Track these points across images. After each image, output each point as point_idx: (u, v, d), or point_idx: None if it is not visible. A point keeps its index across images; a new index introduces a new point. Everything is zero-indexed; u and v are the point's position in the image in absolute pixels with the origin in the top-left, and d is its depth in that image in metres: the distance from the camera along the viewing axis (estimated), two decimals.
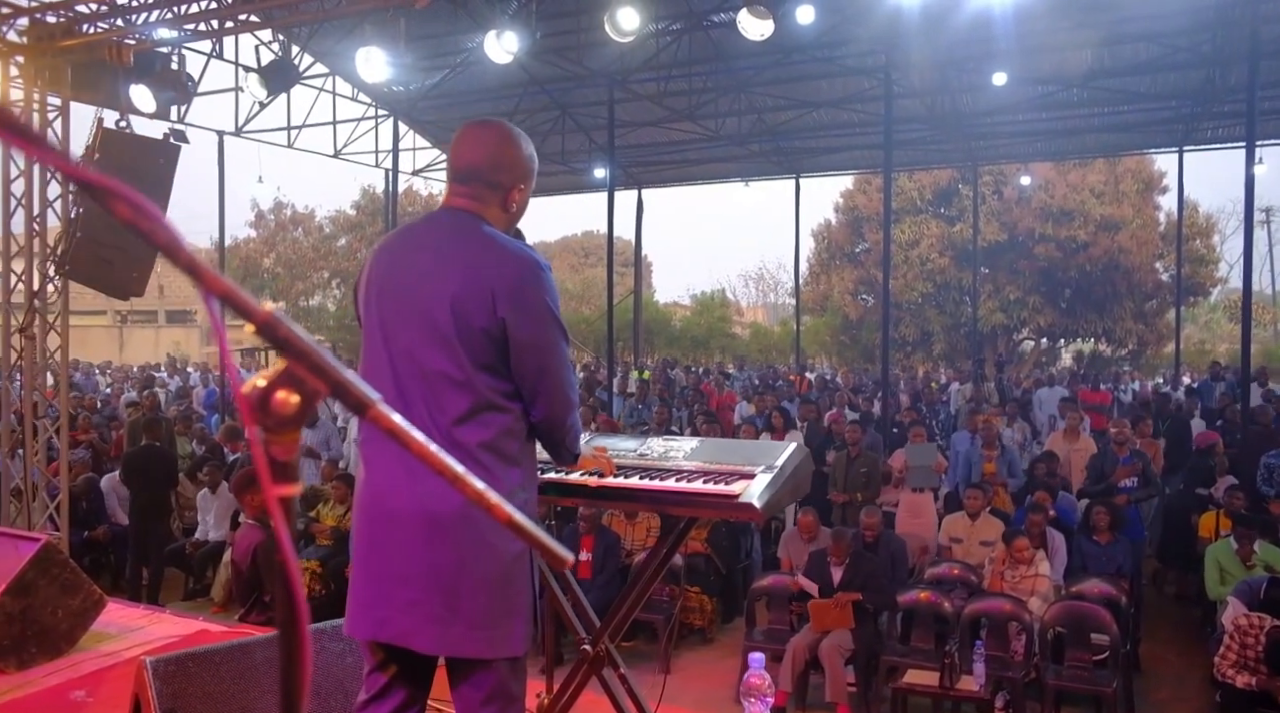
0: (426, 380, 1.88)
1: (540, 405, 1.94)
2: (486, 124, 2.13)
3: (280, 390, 0.62)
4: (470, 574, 1.85)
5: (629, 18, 5.59)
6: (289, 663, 0.65)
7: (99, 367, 22.54)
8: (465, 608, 1.85)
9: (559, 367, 1.95)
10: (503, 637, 1.88)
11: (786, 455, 2.19)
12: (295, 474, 0.63)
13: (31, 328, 6.45)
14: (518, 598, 1.90)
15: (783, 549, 7.11)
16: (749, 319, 38.92)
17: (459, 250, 1.93)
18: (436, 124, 18.35)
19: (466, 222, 1.98)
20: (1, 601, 3.40)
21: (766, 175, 20.00)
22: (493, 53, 5.85)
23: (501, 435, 1.91)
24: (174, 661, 2.41)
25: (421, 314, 1.90)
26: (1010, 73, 12.60)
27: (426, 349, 1.88)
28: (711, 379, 17.84)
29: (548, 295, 1.94)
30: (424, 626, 1.85)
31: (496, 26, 5.60)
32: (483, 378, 1.88)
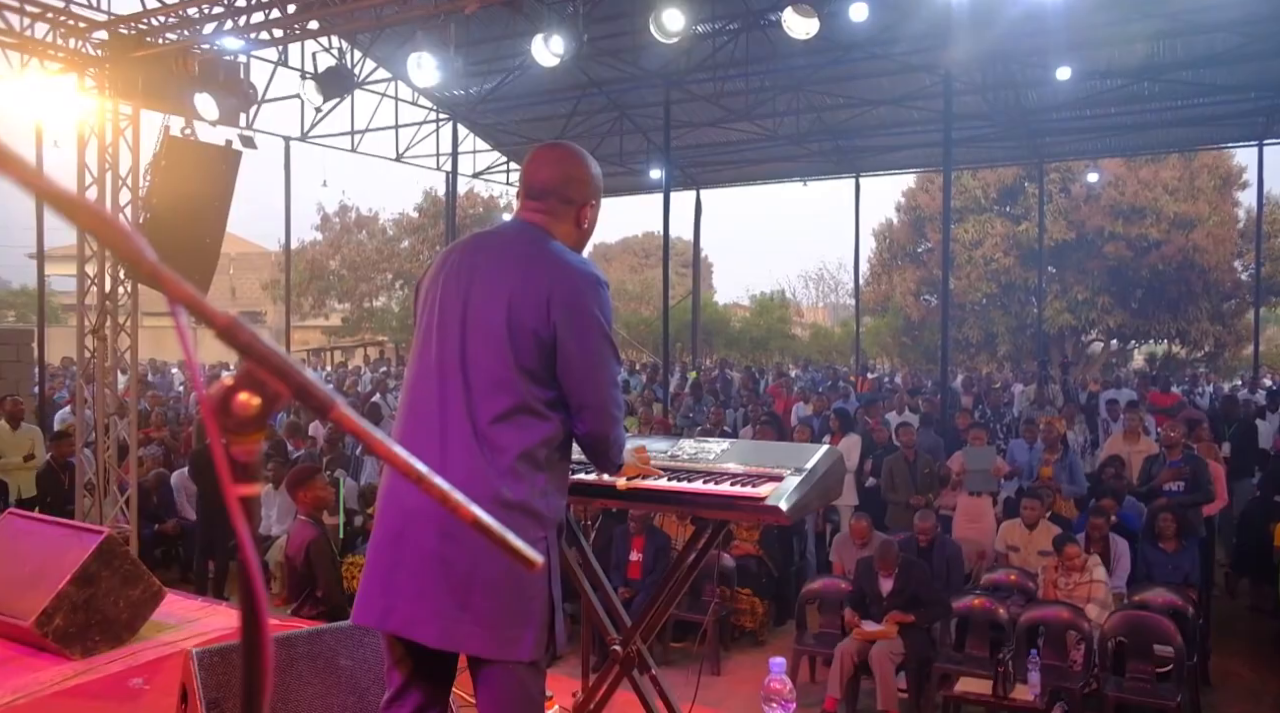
0: (469, 378, 1.91)
1: (585, 420, 1.95)
2: (558, 144, 2.20)
3: (242, 393, 0.64)
4: (483, 575, 1.86)
5: (674, 19, 5.58)
6: (250, 661, 0.66)
7: (174, 366, 23.28)
8: (475, 605, 1.85)
9: (606, 382, 1.96)
10: (510, 640, 1.88)
11: (817, 459, 2.17)
12: (257, 475, 0.65)
13: (103, 329, 6.72)
14: (532, 604, 1.90)
15: (835, 553, 7.03)
16: (809, 320, 38.56)
17: (522, 257, 1.97)
18: (496, 127, 18.59)
19: (534, 233, 2.03)
20: (67, 591, 3.55)
21: (826, 174, 19.80)
22: (540, 56, 5.89)
23: (538, 443, 1.92)
24: (218, 652, 2.48)
25: (475, 313, 1.94)
26: (1076, 67, 12.29)
27: (475, 347, 1.92)
28: (771, 380, 17.76)
29: (601, 310, 1.95)
30: (429, 617, 1.86)
31: (549, 29, 5.64)
32: (525, 383, 1.90)
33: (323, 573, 4.39)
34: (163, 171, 6.10)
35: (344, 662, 2.61)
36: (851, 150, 18.11)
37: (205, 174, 5.97)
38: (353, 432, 0.67)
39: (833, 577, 6.69)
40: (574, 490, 2.24)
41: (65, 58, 6.50)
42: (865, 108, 15.77)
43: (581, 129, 17.50)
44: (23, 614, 3.52)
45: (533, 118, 17.67)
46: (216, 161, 6.04)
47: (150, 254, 0.61)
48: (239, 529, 0.63)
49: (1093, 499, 7.46)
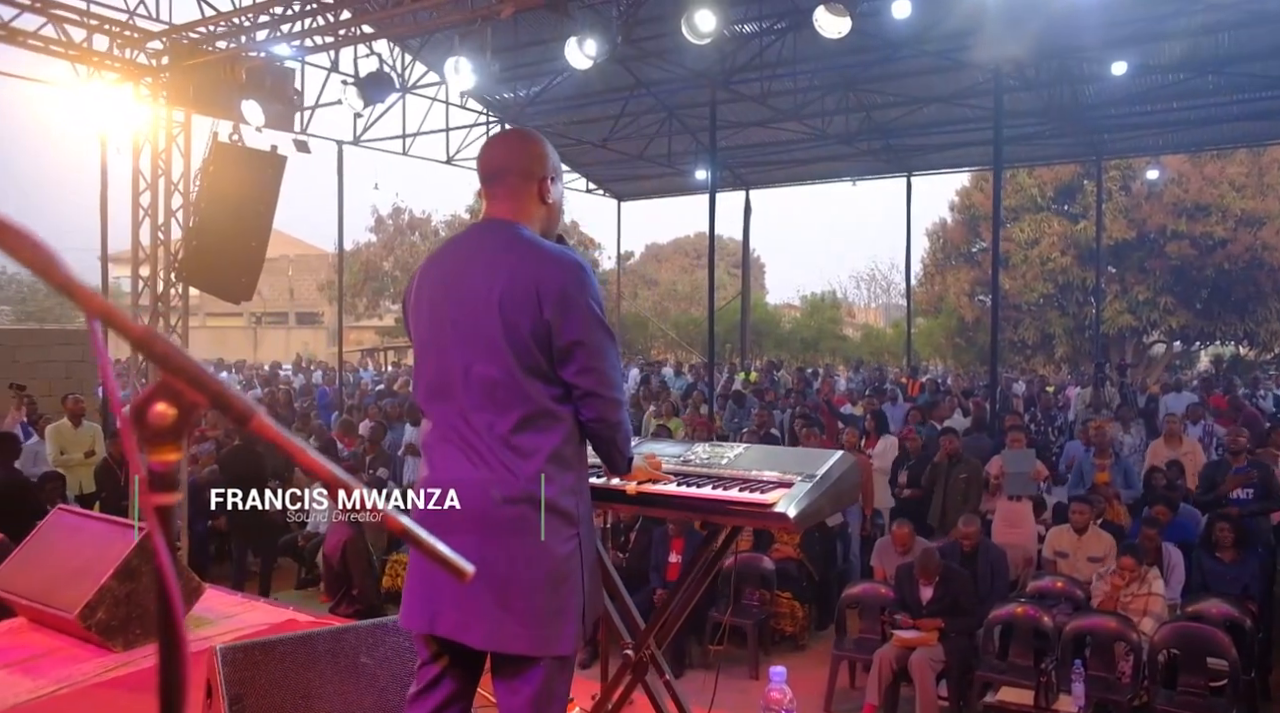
0: (480, 390, 1.94)
1: (590, 406, 1.97)
2: (506, 130, 2.27)
3: (158, 404, 0.65)
4: (522, 572, 1.90)
5: (706, 20, 5.55)
6: (166, 665, 0.67)
7: (233, 365, 23.86)
8: (517, 605, 1.89)
9: (606, 367, 1.97)
10: (553, 635, 1.92)
11: (829, 465, 2.14)
12: (175, 484, 0.66)
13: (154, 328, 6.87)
14: (569, 598, 1.94)
15: (876, 559, 6.94)
16: (861, 320, 38.13)
17: (501, 258, 1.98)
18: (545, 129, 18.69)
19: (505, 229, 2.04)
20: (110, 584, 3.65)
21: (876, 174, 19.56)
22: (574, 58, 5.91)
23: (561, 442, 1.96)
24: (241, 649, 2.54)
25: (470, 325, 1.95)
26: (1135, 61, 11.95)
27: (478, 359, 1.94)
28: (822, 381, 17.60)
29: (591, 296, 1.96)
30: (476, 621, 1.91)
31: (583, 32, 5.67)
32: (535, 385, 1.92)
33: (358, 572, 4.46)
34: (211, 176, 6.27)
35: (364, 660, 2.64)
36: (902, 149, 17.86)
37: (252, 178, 6.12)
38: (273, 440, 0.68)
39: (873, 582, 6.60)
40: None
41: (122, 68, 6.71)
42: (915, 106, 15.53)
43: (629, 130, 17.52)
44: (68, 607, 3.64)
45: (581, 119, 17.75)
46: (262, 166, 6.18)
47: (64, 268, 0.62)
48: (154, 538, 0.64)
49: (1145, 507, 7.25)
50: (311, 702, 2.56)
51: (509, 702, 1.97)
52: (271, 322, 43.50)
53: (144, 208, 6.99)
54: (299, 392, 18.31)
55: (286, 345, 37.38)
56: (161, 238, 7.01)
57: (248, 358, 30.19)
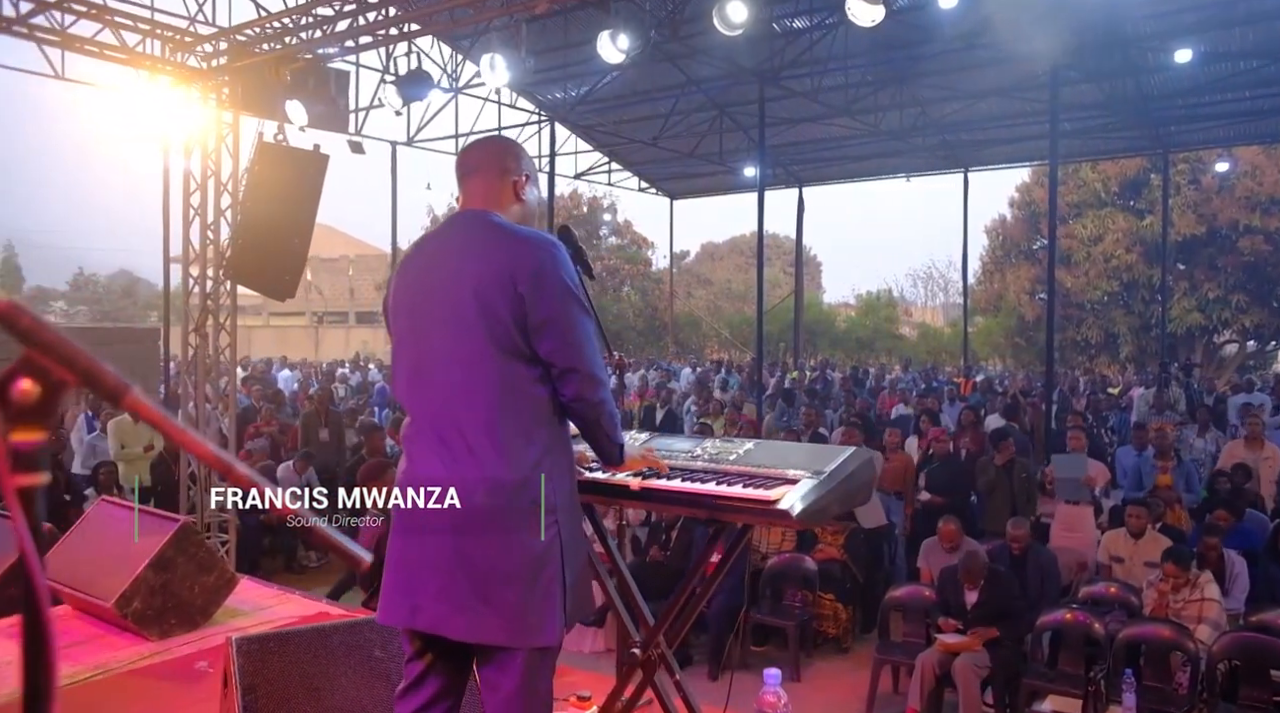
0: (455, 375, 1.93)
1: (569, 384, 1.95)
2: (486, 136, 2.35)
3: (21, 381, 0.62)
4: (500, 564, 1.88)
5: (738, 11, 5.47)
6: (32, 655, 0.65)
7: (292, 364, 24.38)
8: (495, 596, 1.87)
9: (582, 342, 1.96)
10: (533, 626, 1.89)
11: (839, 462, 2.07)
12: (38, 465, 0.63)
13: (204, 327, 7.10)
14: (549, 588, 1.91)
15: (923, 559, 6.78)
16: (919, 319, 37.49)
17: (474, 243, 1.98)
18: (597, 128, 18.75)
19: (477, 217, 2.05)
20: (145, 575, 3.73)
21: (932, 170, 19.20)
22: (607, 54, 5.88)
23: (535, 426, 1.94)
24: (256, 640, 2.56)
25: (447, 311, 1.95)
26: (1202, 49, 11.52)
27: (455, 344, 1.93)
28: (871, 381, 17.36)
29: (564, 272, 1.96)
30: (455, 613, 1.89)
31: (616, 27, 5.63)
32: (512, 365, 1.91)
33: None
34: (255, 175, 6.39)
35: (378, 654, 2.65)
36: (958, 145, 17.50)
37: (294, 177, 6.23)
38: (148, 419, 0.66)
39: (917, 584, 6.46)
40: (588, 490, 2.21)
41: (174, 71, 6.88)
42: (971, 100, 15.20)
43: (680, 128, 17.47)
44: (105, 596, 3.72)
45: (632, 118, 17.75)
46: (305, 165, 6.28)
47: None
48: (16, 522, 0.62)
49: (1207, 512, 6.98)
50: (323, 694, 2.57)
51: (492, 694, 1.95)
52: (332, 321, 44.39)
53: (194, 208, 7.15)
54: (355, 389, 18.63)
55: (346, 344, 38.07)
56: (211, 237, 7.17)
57: (309, 356, 30.84)
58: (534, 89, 17.19)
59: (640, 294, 33.35)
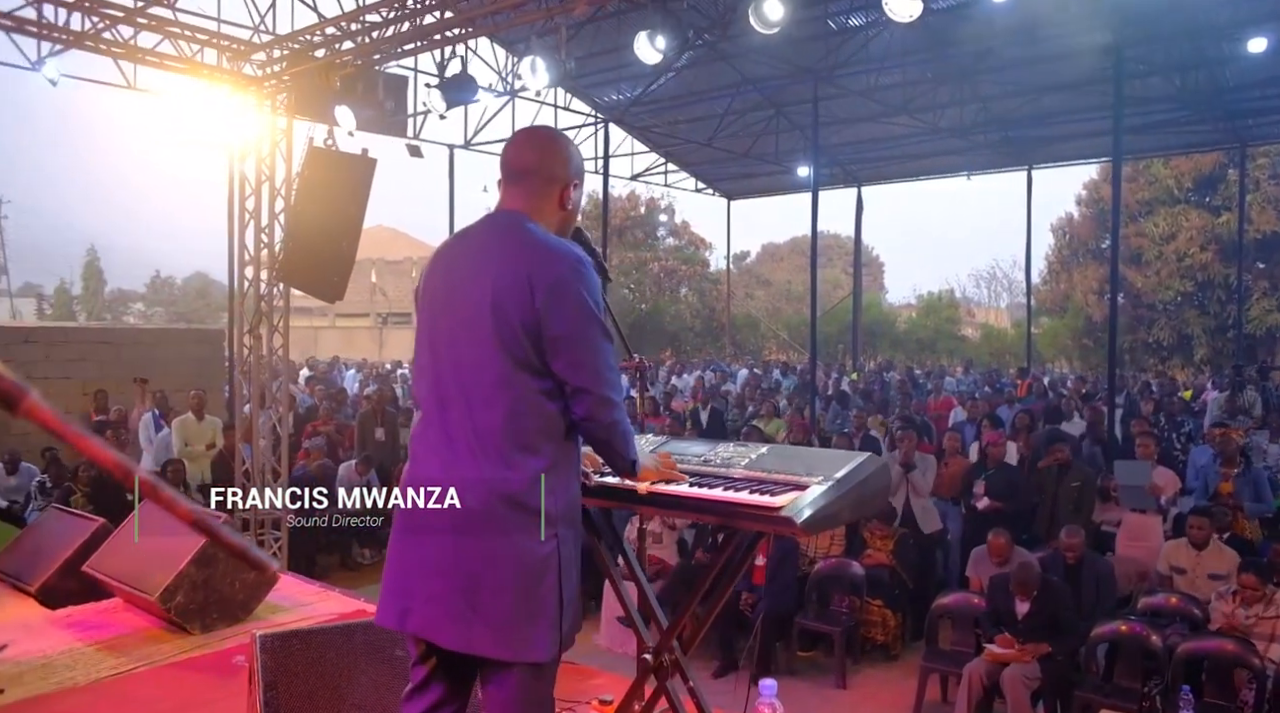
0: (465, 378, 1.91)
1: (581, 404, 1.91)
2: (538, 128, 2.26)
3: None
4: (494, 572, 1.85)
5: (774, 8, 5.39)
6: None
7: (356, 364, 24.88)
8: (486, 606, 1.84)
9: (597, 363, 1.91)
10: (524, 640, 1.86)
11: (851, 467, 2.02)
12: None
13: (259, 329, 7.29)
14: (544, 601, 1.87)
15: (972, 568, 6.62)
16: (982, 319, 36.68)
17: (499, 249, 1.95)
18: (653, 128, 18.76)
19: (511, 220, 2.00)
20: (188, 570, 3.83)
21: (994, 168, 18.77)
22: (644, 54, 5.85)
23: (540, 437, 1.90)
24: (280, 637, 2.60)
25: (464, 314, 1.93)
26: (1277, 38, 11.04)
27: (469, 348, 1.92)
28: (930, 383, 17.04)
29: (586, 290, 1.90)
30: (445, 620, 1.87)
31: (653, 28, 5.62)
32: (521, 376, 1.88)
33: None
34: (305, 179, 6.53)
35: (399, 653, 2.67)
36: (1021, 141, 17.08)
37: (343, 181, 6.35)
38: (43, 423, 0.66)
39: (967, 592, 6.31)
40: (597, 493, 2.20)
41: (230, 79, 7.07)
42: (1034, 95, 14.82)
43: (736, 128, 17.39)
44: (151, 590, 3.84)
45: (688, 118, 17.73)
46: (353, 169, 6.39)
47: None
48: None
49: None
50: (343, 692, 2.60)
51: (487, 707, 1.93)
52: (397, 322, 45.17)
53: (249, 212, 7.35)
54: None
55: (410, 345, 38.73)
56: (265, 241, 7.35)
57: (372, 357, 31.44)
58: (590, 91, 17.28)
59: (698, 295, 33.27)
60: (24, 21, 6.49)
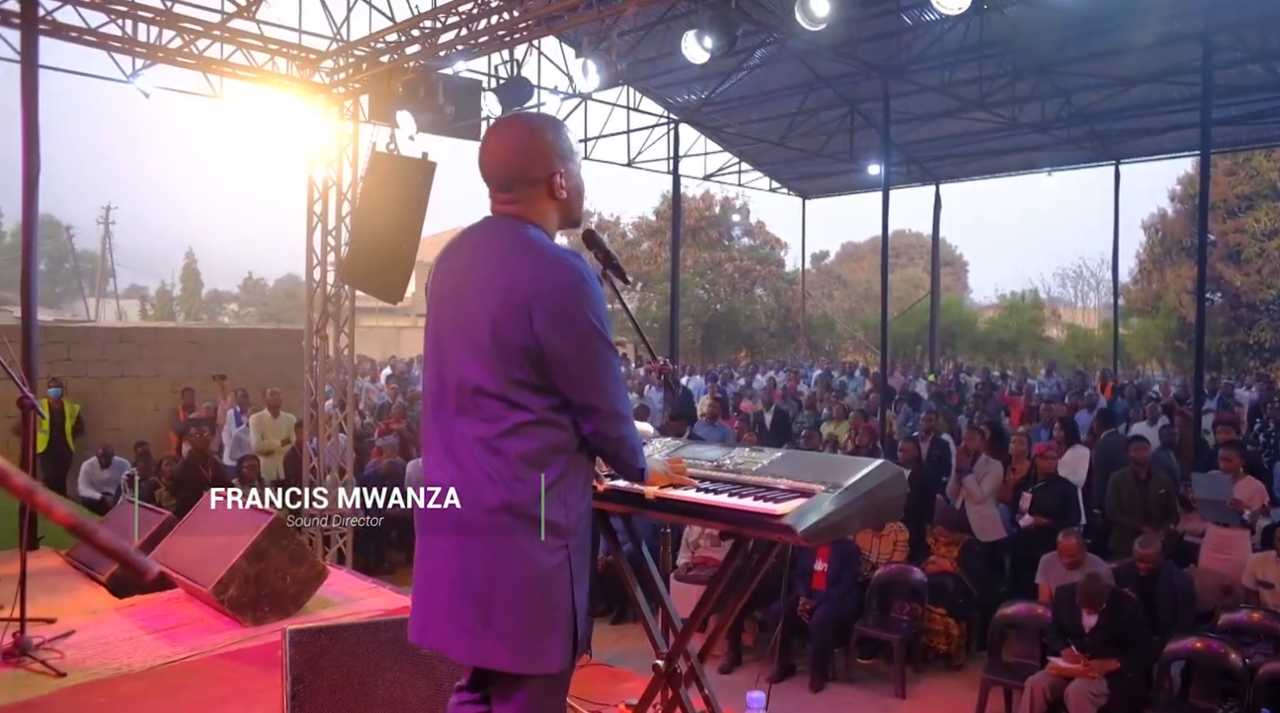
0: (472, 394, 1.89)
1: (589, 420, 1.89)
2: (507, 122, 2.11)
3: None
4: (503, 584, 1.84)
5: (820, 4, 5.27)
6: None
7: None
8: (498, 620, 1.83)
9: (602, 379, 1.88)
10: (536, 653, 1.84)
11: (862, 475, 1.96)
12: None
13: (325, 328, 7.50)
14: (555, 613, 1.86)
15: (1041, 575, 6.38)
16: (1068, 320, 35.42)
17: (499, 263, 1.90)
18: (724, 128, 18.66)
19: (508, 228, 1.96)
20: (240, 564, 3.96)
21: (1079, 163, 18.10)
22: (692, 53, 5.80)
23: (546, 451, 1.87)
24: (308, 632, 2.66)
25: (465, 330, 1.91)
26: None
27: (473, 364, 1.89)
28: (1011, 386, 16.54)
29: (588, 306, 1.86)
30: (458, 635, 1.87)
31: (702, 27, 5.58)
32: (525, 395, 1.86)
33: None
34: (368, 183, 6.69)
35: (424, 651, 2.70)
36: (1108, 135, 16.43)
37: (403, 184, 6.47)
38: None
39: (1032, 602, 6.09)
40: (606, 497, 2.18)
41: (300, 86, 7.29)
42: (1121, 87, 14.23)
43: (809, 126, 17.17)
44: (206, 582, 3.98)
45: (760, 117, 17.58)
46: (413, 172, 6.51)
47: None
48: None
49: None
50: (368, 687, 2.64)
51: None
52: None
53: (317, 215, 7.56)
54: None
55: None
56: (332, 243, 7.55)
57: None
58: (662, 91, 17.27)
59: (773, 295, 32.98)
60: (108, 38, 6.79)
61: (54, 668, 3.50)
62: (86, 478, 9.96)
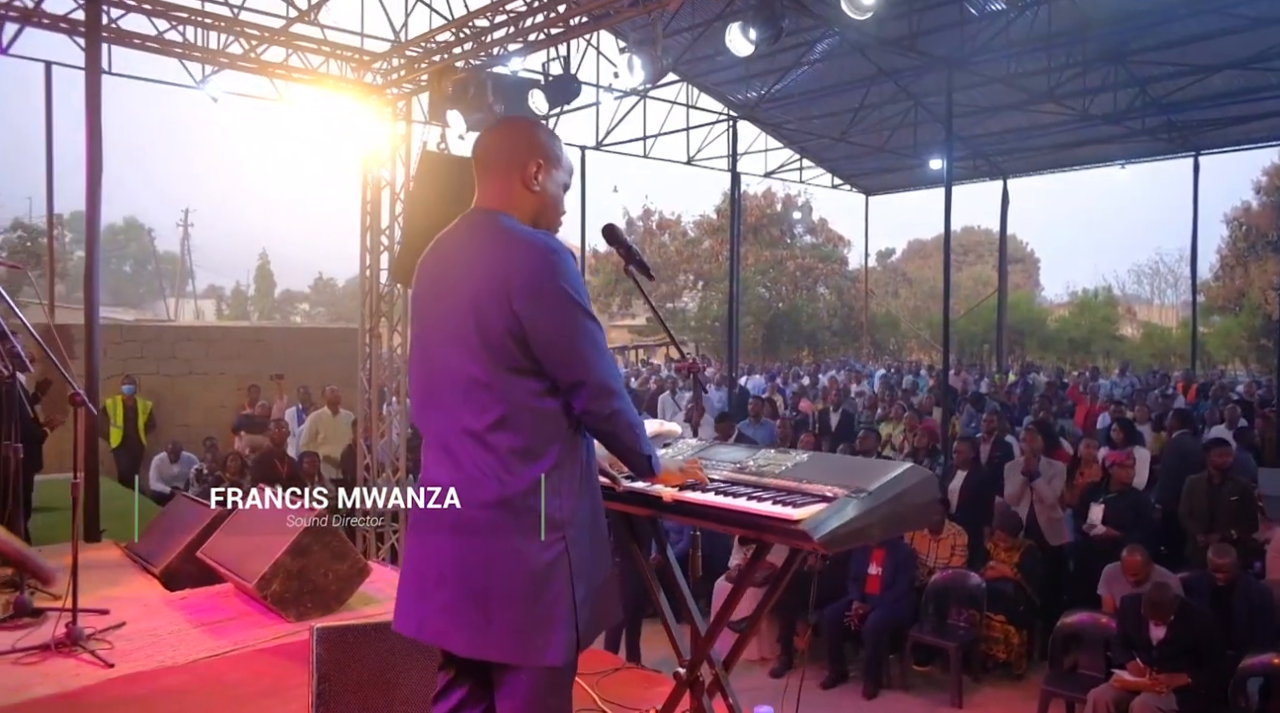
0: (461, 387, 1.88)
1: (579, 397, 1.87)
2: (507, 118, 2.24)
3: None
4: (499, 579, 1.83)
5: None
6: None
7: None
8: (496, 613, 1.83)
9: (588, 352, 1.86)
10: (535, 645, 1.83)
11: (888, 479, 1.86)
12: None
13: (378, 327, 7.59)
14: (555, 606, 1.84)
15: (1104, 586, 6.12)
16: (1144, 317, 34.19)
17: (476, 252, 1.92)
18: (783, 124, 18.45)
19: (485, 219, 1.97)
20: (284, 560, 3.99)
21: (1155, 155, 17.46)
22: (736, 45, 5.69)
23: (540, 441, 1.86)
24: (336, 630, 2.66)
25: (449, 324, 1.91)
26: None
27: (458, 356, 1.89)
28: (1081, 385, 16.02)
29: (563, 280, 1.85)
30: (458, 629, 1.87)
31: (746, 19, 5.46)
32: (514, 382, 1.85)
33: None
34: (418, 182, 6.74)
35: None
36: (1187, 126, 15.80)
37: (453, 183, 6.48)
38: None
39: (1095, 612, 5.86)
40: (619, 498, 2.13)
41: (353, 88, 7.39)
42: (1202, 75, 13.66)
43: (871, 121, 16.87)
44: (250, 576, 4.03)
45: (821, 113, 17.34)
46: (463, 171, 6.47)
47: None
48: None
49: None
50: (393, 685, 2.63)
51: (501, 711, 1.90)
52: None
53: (369, 214, 7.65)
54: None
55: None
56: (385, 243, 7.63)
57: None
58: (722, 88, 17.15)
59: (836, 294, 32.53)
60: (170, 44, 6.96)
61: (102, 659, 3.57)
62: (157, 472, 10.28)
